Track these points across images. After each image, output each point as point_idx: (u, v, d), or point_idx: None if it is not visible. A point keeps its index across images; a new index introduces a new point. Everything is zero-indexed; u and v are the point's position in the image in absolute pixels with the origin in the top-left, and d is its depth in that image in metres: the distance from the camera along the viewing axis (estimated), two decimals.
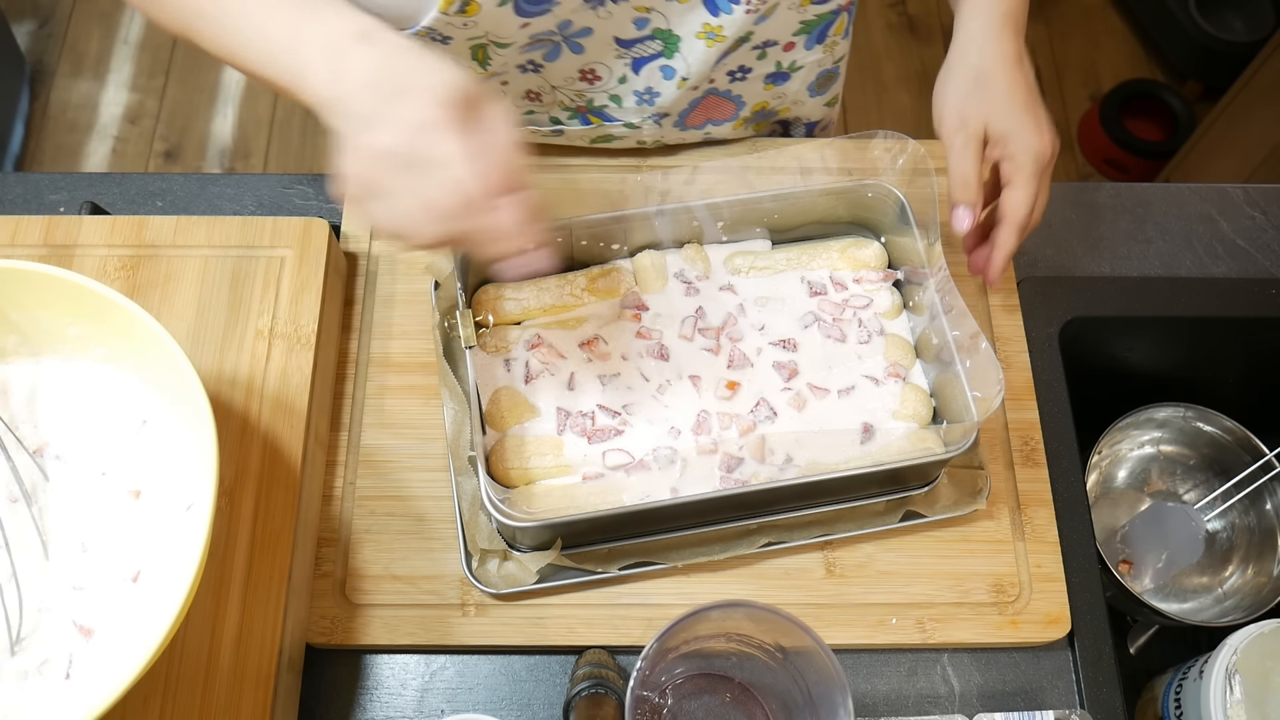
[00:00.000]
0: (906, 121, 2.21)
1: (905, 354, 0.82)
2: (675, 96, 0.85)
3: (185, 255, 0.81)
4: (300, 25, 0.60)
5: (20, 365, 0.70)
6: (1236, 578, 0.95)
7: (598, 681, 0.69)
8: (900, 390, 0.80)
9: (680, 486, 0.74)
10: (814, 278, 0.84)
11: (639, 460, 0.76)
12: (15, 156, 2.03)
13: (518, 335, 0.80)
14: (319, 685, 0.75)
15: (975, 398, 0.74)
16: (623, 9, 0.76)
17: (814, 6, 0.82)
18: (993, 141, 0.76)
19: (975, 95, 0.76)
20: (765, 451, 0.75)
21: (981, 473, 0.79)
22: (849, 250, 0.85)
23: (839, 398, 0.79)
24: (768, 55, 0.86)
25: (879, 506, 0.78)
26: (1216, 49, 2.14)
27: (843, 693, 0.63)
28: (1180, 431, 0.97)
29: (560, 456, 0.76)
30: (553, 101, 0.87)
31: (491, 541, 0.75)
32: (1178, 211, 0.96)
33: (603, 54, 0.81)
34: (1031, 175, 0.76)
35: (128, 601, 0.63)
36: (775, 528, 0.77)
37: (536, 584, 0.75)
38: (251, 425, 0.74)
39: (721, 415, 0.78)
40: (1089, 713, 0.76)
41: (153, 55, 2.21)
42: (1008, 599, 0.78)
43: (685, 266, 0.84)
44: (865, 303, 0.83)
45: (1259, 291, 0.92)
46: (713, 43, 0.80)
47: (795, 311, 0.83)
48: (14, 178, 0.91)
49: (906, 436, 0.77)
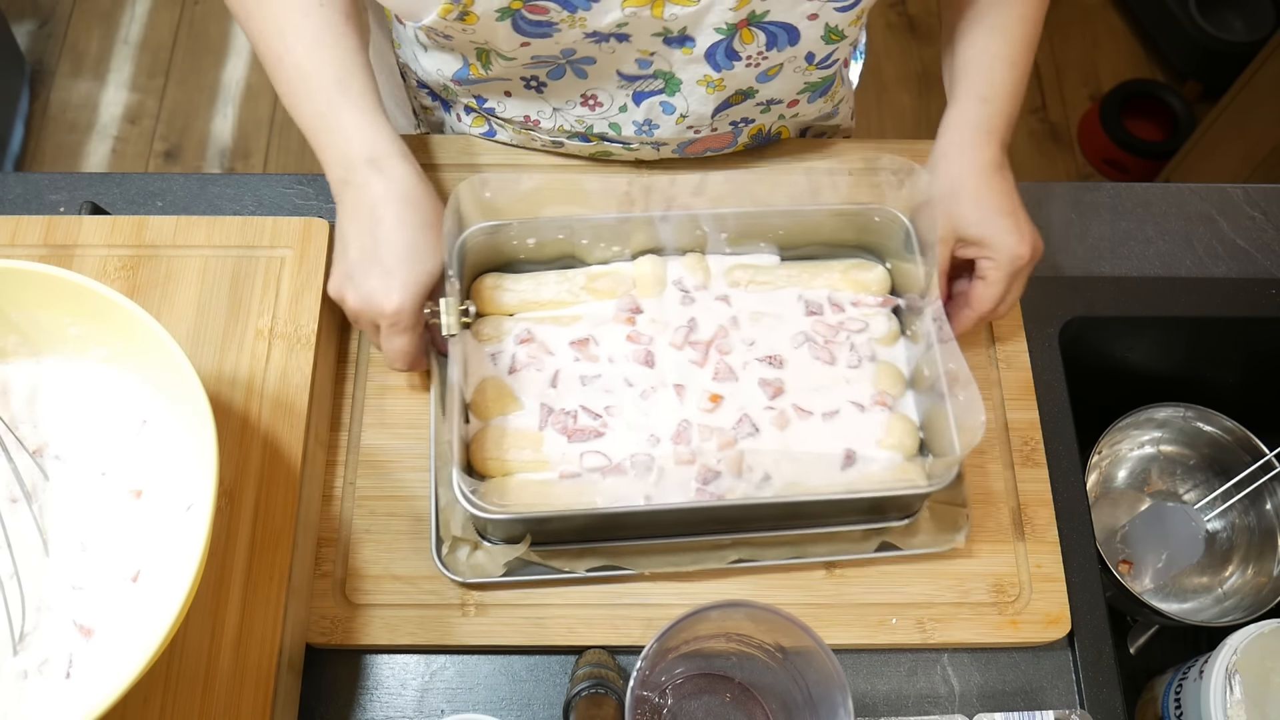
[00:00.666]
0: (907, 121, 2.21)
1: (895, 383, 0.80)
2: (674, 131, 0.85)
3: (185, 255, 0.81)
4: (329, 122, 0.75)
5: (21, 365, 0.70)
6: (1236, 578, 0.95)
7: (598, 681, 0.69)
8: (886, 419, 0.78)
9: (655, 495, 0.73)
10: (812, 297, 0.83)
11: (616, 464, 0.75)
12: (15, 156, 2.03)
13: (510, 327, 0.80)
14: (319, 685, 0.75)
15: (959, 432, 0.72)
16: (626, 48, 0.76)
17: (819, 70, 0.82)
18: (971, 244, 0.79)
19: (947, 203, 0.79)
20: (743, 467, 0.74)
21: (963, 510, 0.78)
22: (851, 272, 0.84)
23: (823, 420, 0.78)
24: (771, 110, 0.87)
25: (855, 535, 0.77)
26: (1216, 49, 2.14)
27: (843, 693, 0.63)
28: (1180, 431, 0.97)
29: (539, 452, 0.76)
30: (553, 127, 0.87)
31: (464, 530, 0.75)
32: (1178, 211, 0.96)
33: (605, 83, 0.81)
34: (1005, 276, 0.79)
35: (128, 601, 0.63)
36: (747, 544, 0.77)
37: (503, 577, 0.75)
38: (251, 425, 0.74)
39: (702, 427, 0.77)
40: (1089, 713, 0.76)
41: (153, 55, 2.21)
42: (1008, 599, 0.78)
43: (685, 274, 0.83)
44: (860, 326, 0.82)
45: (1259, 291, 0.92)
46: (712, 91, 0.80)
47: (788, 329, 0.81)
48: (14, 178, 0.91)
49: (889, 467, 0.76)
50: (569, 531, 0.75)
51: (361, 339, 0.84)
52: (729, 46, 0.76)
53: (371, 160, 0.74)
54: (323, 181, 0.92)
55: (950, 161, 0.80)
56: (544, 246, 0.82)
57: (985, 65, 0.82)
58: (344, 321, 0.85)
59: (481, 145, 0.92)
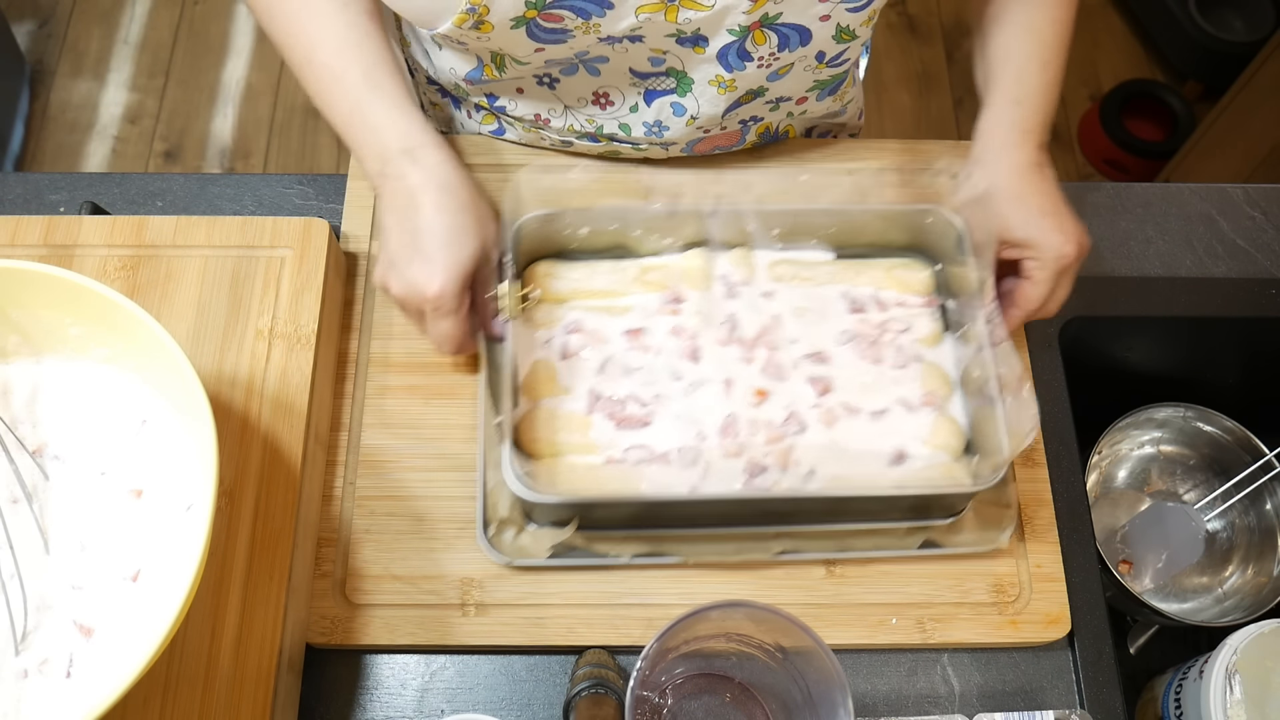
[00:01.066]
0: (906, 121, 2.21)
1: (942, 383, 0.80)
2: (684, 133, 0.85)
3: (185, 255, 0.81)
4: (362, 117, 0.76)
5: (22, 365, 0.70)
6: (1236, 578, 0.95)
7: (598, 681, 0.69)
8: (933, 419, 0.78)
9: (702, 487, 0.74)
10: (856, 294, 0.83)
11: (662, 454, 0.76)
12: (15, 156, 2.03)
13: (562, 314, 0.81)
14: (319, 685, 0.75)
15: (1009, 436, 0.73)
16: (639, 48, 0.77)
17: (828, 69, 0.82)
18: (1015, 246, 0.79)
19: (989, 206, 0.78)
20: (790, 461, 0.75)
21: (1009, 511, 0.78)
22: (895, 271, 0.84)
23: (870, 419, 0.78)
24: (780, 108, 0.87)
25: (899, 531, 0.77)
26: (1216, 49, 2.14)
27: (843, 693, 0.63)
28: (1180, 431, 0.97)
29: (587, 436, 0.76)
30: (563, 126, 0.87)
31: (511, 512, 0.75)
32: (1178, 211, 0.96)
33: (617, 81, 0.81)
34: (1050, 275, 0.78)
35: (128, 601, 0.63)
36: (791, 536, 0.77)
37: (549, 559, 0.75)
38: (251, 425, 0.74)
39: (750, 421, 0.77)
40: (1089, 713, 0.76)
41: (153, 55, 2.21)
42: (1008, 599, 0.78)
43: (730, 269, 0.83)
44: (904, 327, 0.82)
45: (1259, 291, 0.92)
46: (724, 91, 0.80)
47: (833, 327, 0.81)
48: (14, 178, 0.91)
49: (935, 466, 0.76)
50: (615, 518, 0.75)
51: (362, 339, 0.84)
52: (741, 47, 0.76)
53: (406, 151, 0.75)
54: (323, 181, 0.93)
55: (988, 165, 0.80)
56: (596, 236, 0.83)
57: (1017, 67, 0.81)
58: (344, 321, 0.85)
59: (503, 146, 0.93)
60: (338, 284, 0.84)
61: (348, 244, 0.88)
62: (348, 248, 0.88)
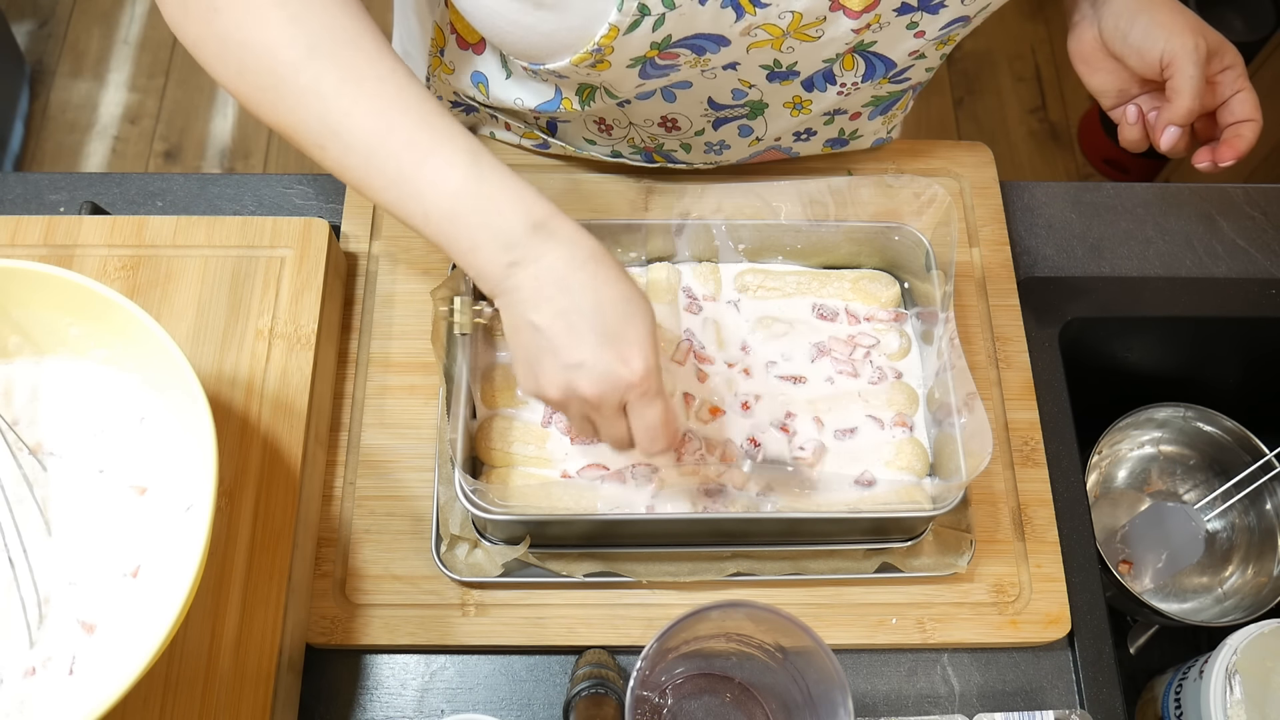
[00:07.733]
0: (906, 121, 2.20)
1: (910, 403, 0.80)
2: (745, 153, 0.85)
3: (185, 255, 0.81)
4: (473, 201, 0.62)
5: (23, 365, 0.70)
6: (1236, 578, 0.95)
7: (598, 681, 0.69)
8: (898, 441, 0.78)
9: (656, 505, 0.73)
10: (826, 304, 0.83)
11: (617, 472, 0.75)
12: (15, 156, 2.03)
13: None
14: (319, 685, 0.75)
15: (965, 457, 0.72)
16: (728, 76, 0.74)
17: (890, 84, 0.80)
18: (1153, 71, 0.77)
19: (1111, 48, 0.79)
20: (746, 481, 0.74)
21: (967, 536, 0.78)
22: (861, 283, 0.84)
23: (835, 438, 0.78)
24: (835, 121, 0.86)
25: (856, 553, 0.77)
26: None
27: (843, 693, 0.63)
28: (1180, 431, 0.97)
29: (543, 448, 0.76)
30: (623, 137, 0.85)
31: (464, 529, 0.75)
32: (1178, 211, 0.96)
33: (691, 109, 0.79)
34: (1243, 74, 0.77)
35: (128, 598, 0.64)
36: (747, 557, 0.76)
37: (500, 577, 0.75)
38: (251, 425, 0.74)
39: (705, 440, 0.77)
40: (1089, 713, 0.76)
41: (153, 55, 2.21)
42: (1008, 599, 0.78)
43: (694, 283, 0.83)
44: (873, 341, 0.82)
45: (1259, 291, 0.92)
46: (797, 113, 0.80)
47: (801, 339, 0.81)
48: (14, 178, 0.91)
49: (898, 489, 0.75)
50: (568, 536, 0.75)
51: (362, 339, 0.84)
52: (829, 71, 0.75)
53: (536, 227, 0.62)
54: (323, 181, 0.92)
55: (1087, 17, 0.80)
56: None
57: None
58: (344, 321, 0.85)
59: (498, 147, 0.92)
60: (338, 284, 0.84)
61: (348, 244, 0.88)
62: (348, 248, 0.88)
